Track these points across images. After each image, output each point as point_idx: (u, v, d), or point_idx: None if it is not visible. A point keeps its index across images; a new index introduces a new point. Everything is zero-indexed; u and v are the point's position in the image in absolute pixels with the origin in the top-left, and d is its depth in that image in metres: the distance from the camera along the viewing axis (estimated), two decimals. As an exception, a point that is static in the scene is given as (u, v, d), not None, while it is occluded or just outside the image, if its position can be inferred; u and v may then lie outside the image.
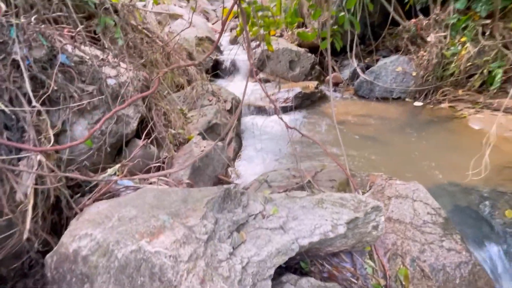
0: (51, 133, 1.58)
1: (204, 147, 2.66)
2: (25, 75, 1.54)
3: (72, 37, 2.14)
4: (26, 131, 1.51)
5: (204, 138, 2.93)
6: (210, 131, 3.05)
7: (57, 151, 1.68)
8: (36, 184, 1.43)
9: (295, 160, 2.32)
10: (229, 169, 2.85)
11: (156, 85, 1.78)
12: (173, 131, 3.06)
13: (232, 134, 3.20)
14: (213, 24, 10.77)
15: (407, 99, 4.19)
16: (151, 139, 2.80)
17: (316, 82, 4.69)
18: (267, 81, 5.11)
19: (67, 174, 1.47)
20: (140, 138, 2.69)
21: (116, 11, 2.95)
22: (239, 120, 3.65)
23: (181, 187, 2.22)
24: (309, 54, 5.31)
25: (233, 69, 5.62)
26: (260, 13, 2.54)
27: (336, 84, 5.14)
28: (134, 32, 3.56)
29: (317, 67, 5.42)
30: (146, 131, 2.84)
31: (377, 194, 2.00)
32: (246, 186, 2.39)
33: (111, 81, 2.32)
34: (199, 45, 5.25)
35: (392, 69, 4.26)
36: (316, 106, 4.30)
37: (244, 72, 5.48)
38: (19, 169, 1.34)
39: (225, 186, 1.31)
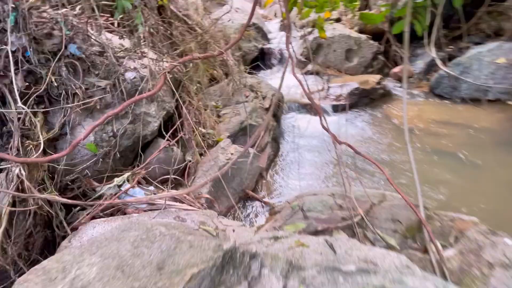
0: (41, 138, 1.33)
1: (231, 154, 2.25)
2: (12, 70, 1.29)
3: (86, 23, 1.90)
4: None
5: (233, 142, 2.52)
6: (242, 133, 2.62)
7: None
8: (14, 202, 1.19)
9: (342, 181, 1.75)
10: (261, 181, 2.40)
11: (161, 83, 1.39)
12: (203, 130, 2.72)
13: (267, 138, 2.72)
14: (262, 6, 10.21)
15: (509, 102, 3.09)
16: (175, 139, 2.51)
17: (378, 76, 3.84)
18: (317, 73, 4.43)
19: (45, 196, 1.19)
20: (164, 138, 2.42)
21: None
22: (278, 120, 3.14)
23: (199, 205, 1.86)
24: (371, 42, 4.42)
25: (281, 60, 5.05)
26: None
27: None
28: (171, 19, 3.29)
29: (381, 57, 4.49)
30: (172, 130, 2.56)
31: (468, 254, 1.32)
32: (276, 208, 1.91)
33: (130, 75, 2.04)
34: (245, 34, 4.80)
35: (489, 60, 3.18)
36: (376, 105, 3.51)
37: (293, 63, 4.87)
38: (-12, 187, 1.11)
39: (226, 247, 0.85)
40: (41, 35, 1.65)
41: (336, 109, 3.51)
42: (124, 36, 2.04)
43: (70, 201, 1.30)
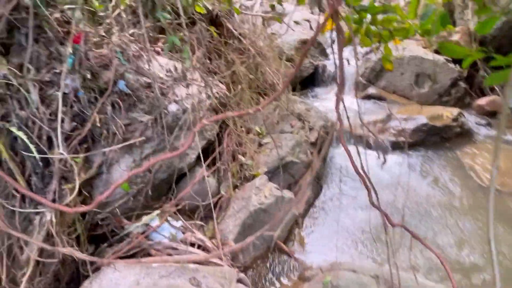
0: (77, 181, 1.37)
1: (266, 197, 2.08)
2: (60, 113, 1.35)
3: (139, 56, 1.95)
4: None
5: (271, 179, 2.34)
6: (282, 170, 2.43)
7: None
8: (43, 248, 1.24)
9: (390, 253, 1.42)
10: (295, 230, 2.18)
11: (189, 142, 1.30)
12: (242, 159, 2.62)
13: (309, 178, 2.47)
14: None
15: None
16: (212, 169, 2.46)
17: (455, 111, 3.20)
18: (379, 98, 3.94)
19: (70, 251, 1.21)
20: (201, 165, 2.39)
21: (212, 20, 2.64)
22: (324, 156, 2.85)
23: (222, 254, 1.75)
24: (451, 66, 3.72)
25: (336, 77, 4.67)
26: (380, 17, 1.66)
27: (491, 114, 3.41)
28: (225, 37, 3.27)
29: (462, 84, 3.76)
30: (211, 158, 2.52)
31: None
32: (307, 273, 1.68)
33: (173, 107, 2.04)
34: (300, 50, 4.57)
35: None
36: (449, 148, 2.91)
37: (351, 82, 4.44)
38: (20, 236, 1.16)
39: None
40: (95, 71, 1.74)
41: (397, 146, 3.03)
42: (168, 70, 2.04)
43: (92, 258, 1.31)
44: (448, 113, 3.13)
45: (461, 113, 3.17)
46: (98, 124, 1.53)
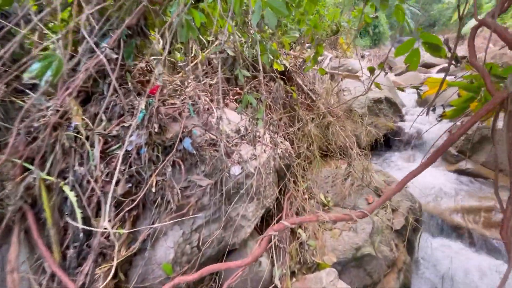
0: (114, 262, 1.11)
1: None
2: (115, 178, 1.16)
3: (208, 109, 1.80)
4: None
5: (340, 274, 1.80)
6: (356, 264, 1.87)
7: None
8: None
9: None
10: None
11: (262, 250, 0.95)
12: (303, 236, 2.16)
13: (393, 281, 1.83)
14: (396, 74, 9.23)
15: None
16: (267, 246, 2.03)
17: None
18: (476, 175, 3.15)
19: None
20: (255, 239, 1.99)
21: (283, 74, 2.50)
22: (411, 250, 2.17)
23: None
24: None
25: (416, 142, 4.03)
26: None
27: None
28: (294, 90, 3.08)
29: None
30: (268, 232, 2.12)
31: None
32: None
33: (235, 170, 1.78)
34: (372, 109, 4.16)
35: None
36: None
37: (434, 148, 3.75)
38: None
39: None
40: (164, 124, 1.61)
41: (518, 251, 2.19)
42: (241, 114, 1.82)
43: None
44: None
45: None
46: (154, 189, 1.31)
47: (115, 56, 1.38)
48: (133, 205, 1.22)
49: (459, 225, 2.46)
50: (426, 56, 10.02)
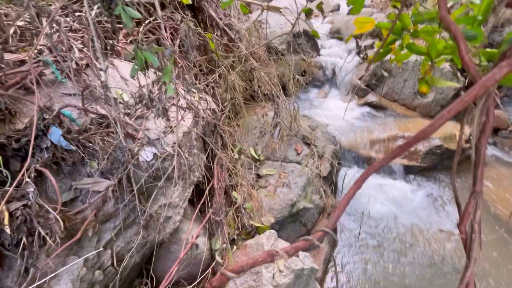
0: None
1: (280, 271, 1.55)
2: None
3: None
4: None
5: (279, 232, 1.81)
6: (292, 220, 1.90)
7: None
8: None
9: None
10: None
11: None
12: (238, 198, 2.04)
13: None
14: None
15: None
16: (202, 225, 1.84)
17: (467, 129, 2.93)
18: (379, 107, 3.55)
19: None
20: (187, 222, 1.75)
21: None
22: (333, 184, 2.37)
23: None
24: (457, 75, 3.44)
25: (330, 78, 4.17)
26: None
27: (494, 131, 3.24)
28: (208, 30, 2.51)
29: (464, 94, 3.51)
30: (199, 206, 1.89)
31: None
32: None
33: (146, 155, 1.35)
34: (292, 44, 3.92)
35: None
36: (464, 172, 2.65)
37: (345, 84, 3.98)
38: None
39: None
40: (5, 108, 0.98)
41: (409, 171, 2.69)
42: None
43: None
44: (459, 132, 2.84)
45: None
46: (8, 229, 0.81)
47: None
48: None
49: (369, 156, 2.80)
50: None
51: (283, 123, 2.42)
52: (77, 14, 1.63)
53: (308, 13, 1.27)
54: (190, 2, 1.85)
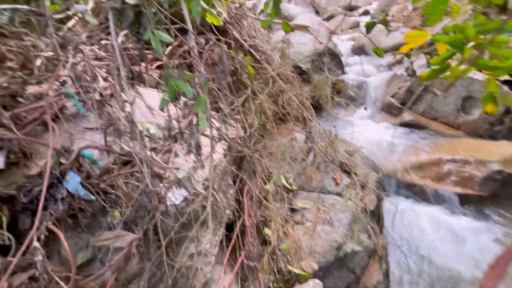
0: None
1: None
2: None
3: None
4: None
5: (324, 281, 1.53)
6: (339, 265, 1.62)
7: None
8: None
9: None
10: None
11: None
12: (270, 238, 1.78)
13: (379, 275, 1.68)
14: (324, 19, 8.95)
15: None
16: (235, 271, 1.60)
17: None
18: (415, 126, 3.24)
19: None
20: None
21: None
22: (379, 218, 2.06)
23: None
24: (505, 88, 3.09)
25: (359, 96, 3.94)
26: None
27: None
28: (236, 52, 2.39)
29: (515, 109, 3.15)
30: (230, 249, 1.66)
31: None
32: None
33: (176, 198, 1.16)
34: (317, 63, 3.77)
35: None
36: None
37: (376, 103, 3.72)
38: None
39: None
40: (18, 151, 0.83)
41: (466, 200, 2.33)
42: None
43: None
44: (521, 154, 2.47)
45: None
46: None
47: None
48: None
49: (412, 183, 2.48)
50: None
51: (318, 148, 2.19)
52: (102, 41, 1.54)
53: (370, 27, 1.08)
54: (221, 23, 1.73)
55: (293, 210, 1.98)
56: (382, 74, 4.08)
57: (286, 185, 2.14)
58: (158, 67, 1.85)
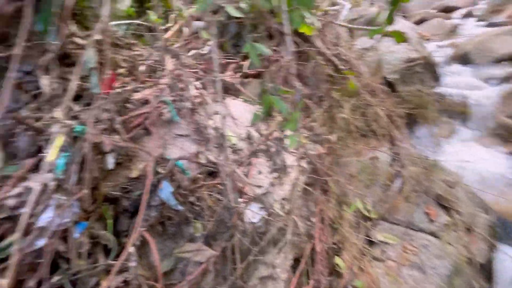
0: None
1: None
2: None
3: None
4: None
5: None
6: (431, 324, 1.32)
7: None
8: None
9: None
10: None
11: None
12: (345, 272, 1.58)
13: None
14: (415, 23, 7.95)
15: None
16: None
17: None
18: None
19: None
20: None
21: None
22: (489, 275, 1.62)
23: None
24: None
25: (462, 114, 3.29)
26: None
27: None
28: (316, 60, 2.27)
29: None
30: (297, 274, 1.54)
31: None
32: None
33: (254, 216, 1.11)
34: (406, 73, 3.32)
35: None
36: None
37: (488, 123, 3.02)
38: None
39: None
40: (122, 155, 0.90)
41: None
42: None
43: None
44: None
45: None
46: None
47: None
48: None
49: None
50: (446, -3, 8.52)
51: (408, 173, 1.88)
52: (194, 51, 1.64)
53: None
54: (314, 32, 1.65)
55: (370, 243, 1.73)
56: (493, 89, 3.32)
57: (364, 211, 1.90)
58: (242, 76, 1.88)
